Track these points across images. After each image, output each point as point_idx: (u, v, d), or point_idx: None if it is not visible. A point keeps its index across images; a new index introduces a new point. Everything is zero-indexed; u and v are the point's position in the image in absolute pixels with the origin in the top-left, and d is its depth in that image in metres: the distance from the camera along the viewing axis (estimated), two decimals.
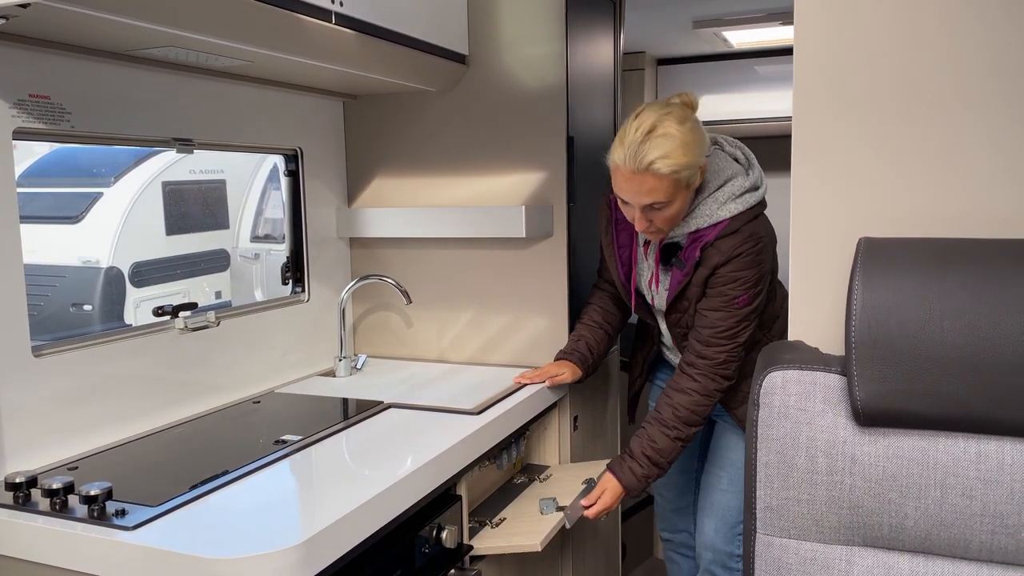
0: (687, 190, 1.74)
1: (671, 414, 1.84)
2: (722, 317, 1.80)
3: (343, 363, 2.26)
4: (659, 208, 1.73)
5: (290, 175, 2.29)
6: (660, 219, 1.76)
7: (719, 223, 1.78)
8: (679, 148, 1.67)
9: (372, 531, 1.39)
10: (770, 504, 1.09)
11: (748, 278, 1.78)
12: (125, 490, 1.40)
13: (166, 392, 1.85)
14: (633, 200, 1.73)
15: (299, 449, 1.64)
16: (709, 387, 1.83)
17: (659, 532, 2.34)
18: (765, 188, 1.85)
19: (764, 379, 1.10)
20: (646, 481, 1.85)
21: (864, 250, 1.07)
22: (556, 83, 2.19)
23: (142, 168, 4.65)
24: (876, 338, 1.01)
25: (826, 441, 1.06)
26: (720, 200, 1.78)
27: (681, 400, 1.84)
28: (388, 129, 2.41)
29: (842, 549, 1.06)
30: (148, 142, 1.81)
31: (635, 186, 1.70)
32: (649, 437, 1.85)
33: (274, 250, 4.93)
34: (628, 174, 1.70)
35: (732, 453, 2.04)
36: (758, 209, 1.82)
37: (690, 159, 1.69)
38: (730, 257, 1.77)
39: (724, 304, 1.80)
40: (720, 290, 1.79)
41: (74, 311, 4.17)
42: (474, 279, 2.36)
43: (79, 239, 4.34)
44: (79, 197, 4.50)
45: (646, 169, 1.67)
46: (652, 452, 1.84)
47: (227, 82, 1.98)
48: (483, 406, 1.89)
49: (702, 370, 1.83)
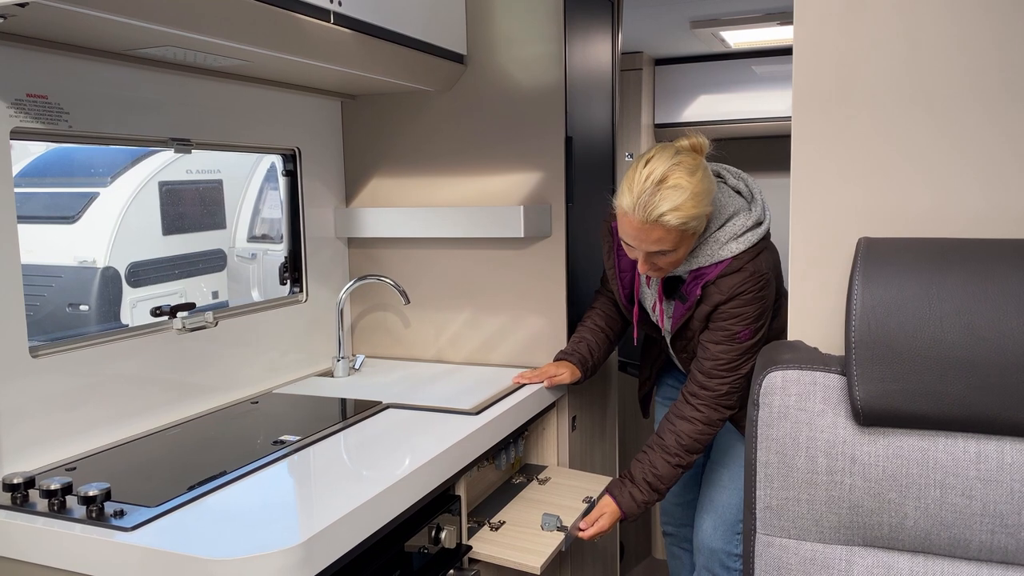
0: (693, 237, 1.74)
1: (674, 441, 1.84)
2: (724, 351, 1.80)
3: (341, 363, 2.26)
4: (664, 254, 1.73)
5: (288, 175, 2.29)
6: (663, 262, 1.76)
7: (721, 262, 1.77)
8: (689, 200, 1.64)
9: (371, 531, 1.39)
10: (770, 504, 1.09)
11: (749, 314, 1.77)
12: (123, 491, 1.40)
13: (164, 392, 1.84)
14: (638, 247, 1.73)
15: (298, 449, 1.63)
16: (712, 417, 1.83)
17: (662, 527, 2.35)
18: (768, 222, 1.83)
19: (764, 379, 1.10)
20: (645, 506, 1.87)
21: (864, 250, 1.07)
22: (554, 83, 2.19)
23: (139, 168, 4.64)
24: (876, 338, 1.01)
25: (826, 441, 1.06)
26: (721, 240, 1.77)
27: (684, 428, 1.84)
28: (386, 129, 2.41)
29: (842, 549, 1.06)
30: (146, 142, 1.81)
31: (642, 235, 1.69)
32: (651, 463, 1.85)
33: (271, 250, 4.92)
34: (637, 223, 1.68)
35: (733, 450, 2.05)
36: (761, 246, 1.80)
37: (699, 210, 1.67)
38: (731, 296, 1.76)
39: (726, 339, 1.79)
40: (722, 325, 1.79)
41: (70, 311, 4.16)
42: (472, 279, 2.36)
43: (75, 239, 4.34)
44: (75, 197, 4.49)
45: (656, 220, 1.65)
46: (653, 478, 1.84)
47: (225, 82, 1.97)
48: (482, 406, 1.89)
49: (704, 401, 1.83)
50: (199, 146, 1.94)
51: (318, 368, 2.36)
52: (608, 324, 2.16)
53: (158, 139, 1.82)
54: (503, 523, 1.87)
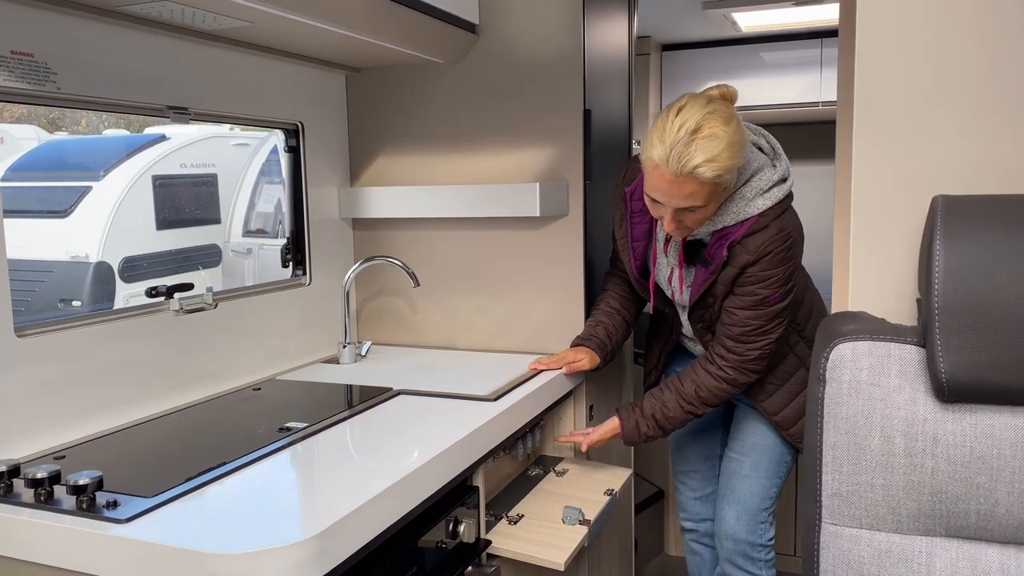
0: (724, 192, 1.64)
1: (693, 390, 1.81)
2: (753, 316, 1.72)
3: (347, 349, 2.14)
4: (693, 211, 1.63)
5: (290, 151, 2.17)
6: (691, 220, 1.65)
7: (747, 220, 1.68)
8: (726, 151, 1.54)
9: (386, 526, 1.27)
10: (839, 491, 0.98)
11: (778, 276, 1.68)
12: (117, 480, 1.29)
13: (160, 378, 1.73)
14: (668, 202, 1.62)
15: (304, 437, 1.52)
16: (739, 380, 1.80)
17: (680, 522, 2.23)
18: (792, 179, 1.74)
19: (831, 351, 0.99)
20: (646, 438, 1.86)
21: (943, 208, 0.96)
22: (572, 53, 2.08)
23: (132, 162, 4.57)
24: (963, 304, 0.90)
25: (904, 419, 0.95)
26: (748, 196, 1.67)
27: (706, 382, 1.80)
28: (393, 104, 2.29)
29: (922, 540, 0.95)
30: (141, 109, 1.69)
31: (674, 189, 1.58)
32: (663, 402, 1.83)
33: (267, 245, 4.84)
34: (669, 176, 1.57)
35: (754, 438, 1.95)
36: (787, 203, 1.71)
37: (734, 162, 1.57)
38: (759, 256, 1.67)
39: (755, 303, 1.71)
40: (750, 289, 1.70)
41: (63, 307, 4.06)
42: (485, 261, 2.25)
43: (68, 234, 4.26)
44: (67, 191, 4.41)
45: (690, 173, 1.54)
46: (661, 416, 1.83)
47: (226, 48, 1.85)
48: (499, 392, 1.78)
49: (732, 364, 1.78)
50: (198, 116, 1.82)
51: (322, 355, 2.24)
52: (623, 306, 2.05)
53: (154, 107, 1.70)
54: (522, 516, 1.75)
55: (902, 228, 1.09)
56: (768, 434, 1.92)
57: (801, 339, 1.87)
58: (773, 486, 1.94)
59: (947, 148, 1.07)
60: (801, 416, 1.87)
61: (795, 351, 1.87)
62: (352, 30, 1.76)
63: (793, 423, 1.87)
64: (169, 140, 4.88)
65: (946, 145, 1.07)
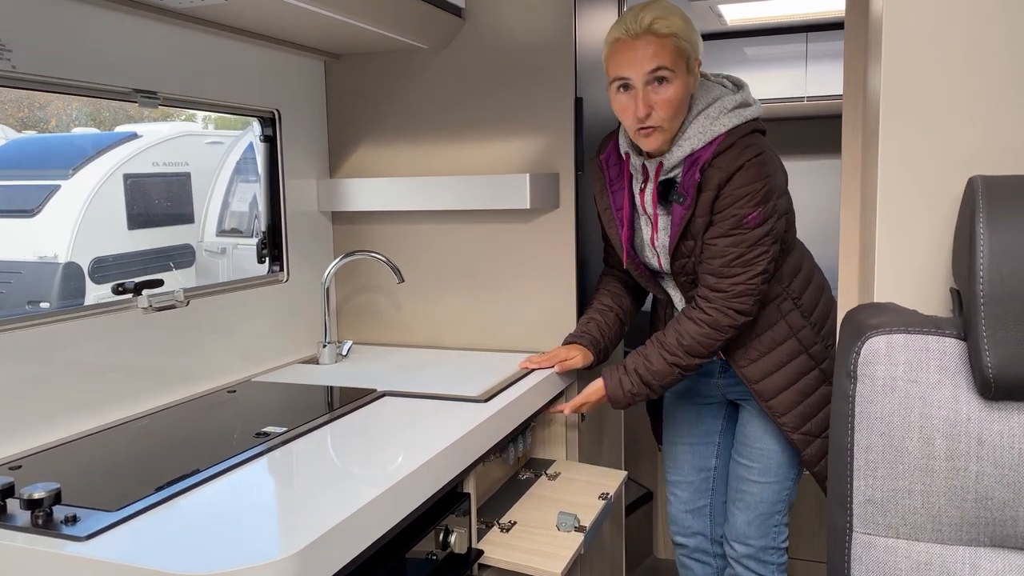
0: (687, 74, 1.65)
1: (675, 340, 1.73)
2: (733, 243, 1.65)
3: (327, 349, 2.03)
4: (661, 83, 1.62)
5: (267, 141, 2.06)
6: (661, 102, 1.63)
7: (714, 140, 1.67)
8: (678, 16, 1.64)
9: (372, 539, 1.18)
10: (872, 497, 0.90)
11: (755, 191, 1.63)
12: (77, 493, 1.18)
13: (127, 380, 1.61)
14: (635, 70, 1.62)
15: (282, 443, 1.41)
16: (721, 321, 1.69)
17: (671, 536, 2.14)
18: (759, 108, 1.74)
19: (864, 345, 0.91)
20: (631, 397, 1.78)
21: (984, 189, 0.88)
22: (563, 38, 1.99)
23: (102, 160, 4.48)
24: (1012, 292, 0.82)
25: (945, 419, 0.87)
26: (712, 116, 1.69)
27: (688, 328, 1.72)
28: (374, 92, 2.19)
29: (965, 551, 0.87)
30: (106, 92, 1.57)
31: (636, 53, 1.62)
32: (645, 356, 1.76)
33: (242, 244, 4.73)
34: (628, 41, 1.63)
35: (760, 443, 1.86)
36: (753, 125, 1.71)
37: (689, 29, 1.65)
38: (732, 172, 1.64)
39: (733, 227, 1.65)
40: (727, 212, 1.65)
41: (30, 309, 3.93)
42: (472, 256, 2.15)
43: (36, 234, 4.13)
44: (35, 190, 4.30)
45: (646, 29, 1.61)
46: (644, 370, 1.75)
47: (198, 29, 1.74)
48: (490, 393, 1.69)
49: (715, 303, 1.70)
50: (168, 101, 1.71)
51: (301, 355, 2.13)
52: (617, 303, 1.97)
53: (119, 89, 1.59)
54: (514, 523, 1.66)
55: (932, 214, 1.01)
56: (775, 438, 1.84)
57: (795, 307, 1.78)
58: (784, 489, 1.86)
59: (979, 128, 0.99)
60: (783, 389, 1.77)
61: (787, 319, 1.77)
62: (331, 9, 1.66)
63: (773, 395, 1.77)
64: (141, 138, 4.79)
65: (979, 125, 0.99)
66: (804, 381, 1.77)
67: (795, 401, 1.77)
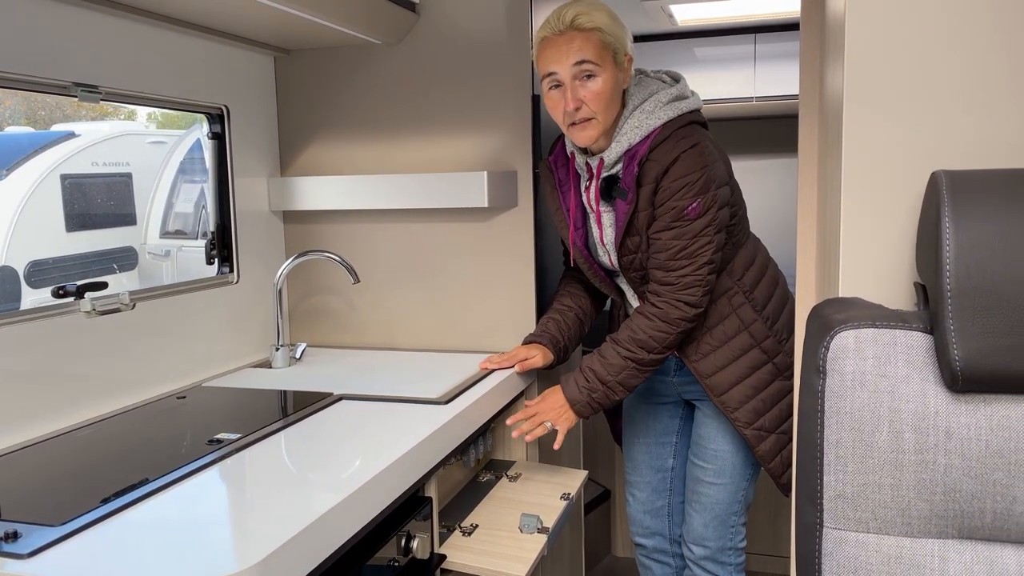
0: (615, 66, 1.65)
1: (627, 335, 1.72)
2: (676, 235, 1.66)
3: (280, 352, 1.98)
4: (588, 77, 1.63)
5: (215, 138, 2.00)
6: (590, 95, 1.63)
7: (650, 134, 1.68)
8: (602, 11, 1.65)
9: (333, 548, 1.14)
10: (843, 492, 0.90)
11: (692, 182, 1.64)
12: (17, 507, 1.12)
13: (69, 387, 1.54)
14: (561, 64, 1.63)
15: (236, 450, 1.36)
16: (671, 314, 1.69)
17: (631, 537, 2.14)
18: (698, 99, 1.75)
19: (832, 340, 0.91)
20: (589, 396, 1.73)
21: (948, 184, 0.88)
22: (519, 34, 1.97)
23: (38, 160, 4.34)
24: (978, 285, 0.83)
25: (914, 413, 0.87)
26: (648, 110, 1.69)
27: (640, 323, 1.71)
28: (326, 88, 2.14)
29: (934, 543, 0.88)
30: (43, 85, 1.50)
31: (562, 46, 1.63)
32: (600, 353, 1.75)
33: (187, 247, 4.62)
34: (553, 38, 1.64)
35: (715, 444, 1.85)
36: (690, 117, 1.71)
37: (614, 25, 1.66)
38: (668, 164, 1.64)
39: (674, 219, 1.65)
40: (667, 205, 1.65)
41: None
42: (429, 256, 2.12)
43: None
44: None
45: (570, 25, 1.63)
46: (599, 367, 1.72)
47: (141, 22, 1.68)
48: (450, 394, 1.66)
49: (664, 296, 1.70)
50: (109, 96, 1.64)
51: (253, 359, 2.07)
52: (577, 303, 1.96)
53: (57, 83, 1.52)
54: (476, 527, 1.63)
55: (895, 209, 1.02)
56: (729, 439, 1.83)
57: (747, 300, 1.78)
58: (740, 490, 1.86)
59: (942, 123, 1.00)
60: (736, 384, 1.77)
61: (738, 312, 1.77)
62: (280, 1, 1.61)
63: (725, 389, 1.77)
64: (79, 137, 4.64)
65: (941, 120, 1.00)
66: (757, 375, 1.77)
67: (748, 396, 1.77)
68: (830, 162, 1.21)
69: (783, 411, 1.79)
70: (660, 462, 2.04)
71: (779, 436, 1.79)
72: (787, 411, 1.79)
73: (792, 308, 1.84)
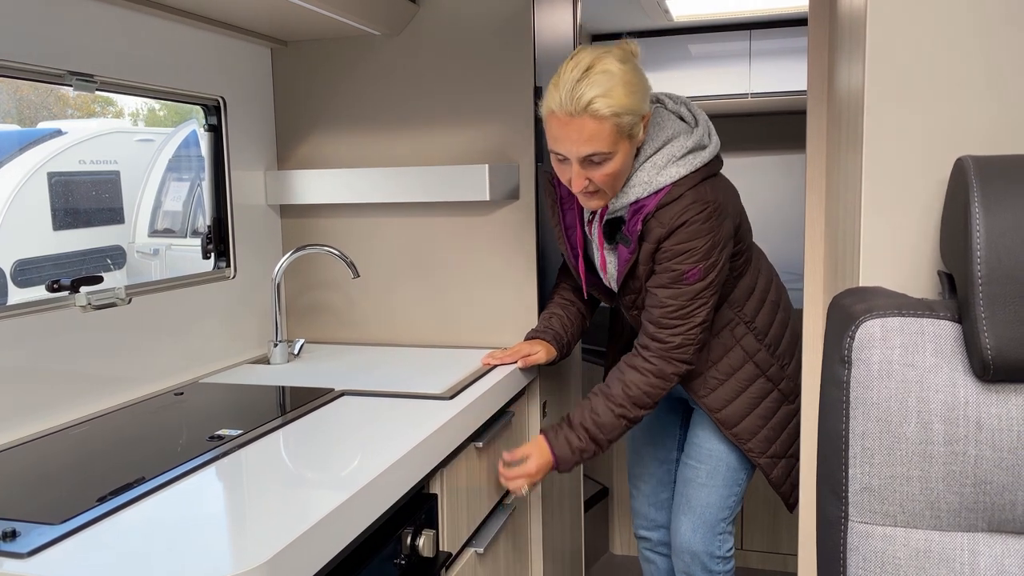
0: (629, 142, 1.53)
1: (621, 390, 1.64)
2: (672, 295, 1.60)
3: (279, 348, 1.94)
4: (599, 162, 1.52)
5: (211, 130, 1.96)
6: (600, 177, 1.53)
7: (659, 191, 1.58)
8: (620, 87, 1.46)
9: (338, 550, 1.11)
10: (869, 485, 0.88)
11: (696, 249, 1.57)
12: (15, 506, 1.08)
13: (64, 384, 1.50)
14: (570, 151, 1.51)
15: (238, 447, 1.33)
16: (665, 370, 1.63)
17: (634, 530, 2.12)
18: (716, 146, 1.64)
19: (858, 330, 0.88)
20: (580, 455, 1.64)
21: (976, 170, 0.86)
22: (521, 24, 1.94)
23: (24, 157, 4.30)
24: (1010, 272, 0.81)
25: (943, 403, 0.85)
26: (659, 164, 1.58)
27: (633, 378, 1.64)
28: (324, 80, 2.11)
29: (964, 537, 0.86)
30: (36, 73, 1.46)
31: (572, 133, 1.49)
32: (592, 409, 1.65)
33: (176, 245, 4.58)
34: (564, 119, 1.48)
35: (709, 444, 1.83)
36: (705, 171, 1.61)
37: (632, 101, 1.48)
38: (673, 228, 1.56)
39: (672, 281, 1.59)
40: (667, 266, 1.59)
41: None
42: (429, 250, 2.09)
43: None
44: None
45: (584, 110, 1.46)
46: (592, 425, 1.63)
47: (138, 10, 1.64)
48: (455, 390, 1.63)
49: (656, 353, 1.64)
50: (105, 86, 1.60)
51: (251, 354, 2.04)
52: (578, 297, 1.93)
53: (52, 71, 1.48)
54: None
55: (918, 197, 1.00)
56: (724, 440, 1.81)
57: (749, 330, 1.75)
58: (731, 495, 1.82)
59: (964, 110, 0.98)
60: (746, 415, 1.75)
61: (741, 344, 1.75)
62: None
63: (737, 422, 1.75)
64: (66, 135, 4.60)
65: (963, 107, 0.98)
66: (764, 405, 1.76)
67: (759, 426, 1.76)
68: (842, 154, 1.19)
69: (792, 436, 1.79)
70: (664, 453, 2.02)
71: (788, 460, 1.80)
72: (795, 435, 1.79)
73: (793, 330, 1.83)
